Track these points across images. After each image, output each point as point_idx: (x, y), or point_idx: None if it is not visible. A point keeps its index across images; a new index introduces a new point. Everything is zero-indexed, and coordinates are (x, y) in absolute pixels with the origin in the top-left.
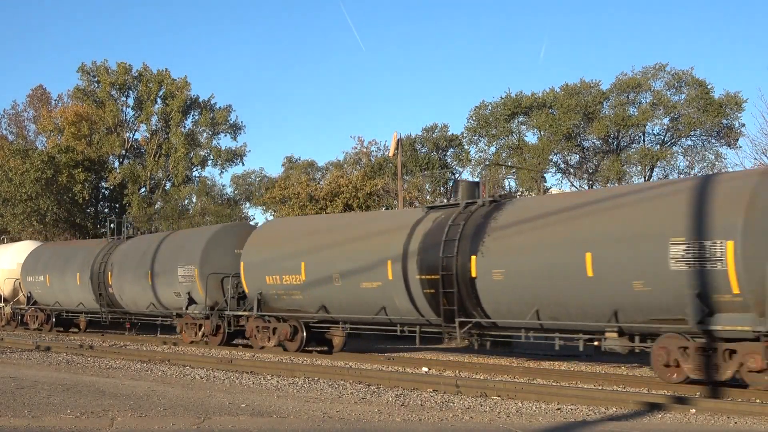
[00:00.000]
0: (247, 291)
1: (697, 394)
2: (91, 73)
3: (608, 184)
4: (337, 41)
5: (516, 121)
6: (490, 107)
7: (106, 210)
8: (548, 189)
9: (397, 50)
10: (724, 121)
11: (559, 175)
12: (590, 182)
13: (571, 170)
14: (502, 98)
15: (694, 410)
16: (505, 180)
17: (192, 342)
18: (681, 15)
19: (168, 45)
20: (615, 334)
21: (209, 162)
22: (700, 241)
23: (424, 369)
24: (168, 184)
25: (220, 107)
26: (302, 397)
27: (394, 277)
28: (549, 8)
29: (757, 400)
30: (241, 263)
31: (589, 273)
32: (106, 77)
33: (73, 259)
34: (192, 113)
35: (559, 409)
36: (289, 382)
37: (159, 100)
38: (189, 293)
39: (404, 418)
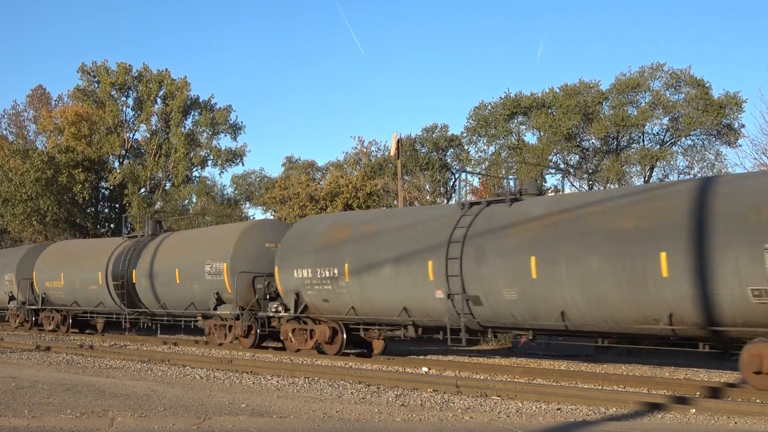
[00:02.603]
0: (38, 291)
1: (697, 394)
2: (91, 73)
3: (608, 185)
4: (337, 41)
5: (515, 121)
6: (489, 107)
7: (106, 210)
8: (548, 189)
9: (397, 51)
10: (724, 121)
11: (559, 176)
12: (590, 182)
13: (571, 170)
14: (501, 98)
15: (694, 410)
16: (505, 180)
17: (16, 328)
18: (680, 15)
19: (168, 45)
20: (201, 318)
21: (209, 162)
22: (215, 262)
23: (424, 369)
24: (168, 184)
25: (220, 107)
26: (302, 397)
27: (103, 282)
28: (548, 8)
29: (757, 400)
30: (33, 272)
31: (177, 281)
32: (106, 77)
33: None
34: (192, 113)
35: (559, 409)
36: (289, 382)
37: (159, 100)
38: (11, 293)
39: (404, 418)
